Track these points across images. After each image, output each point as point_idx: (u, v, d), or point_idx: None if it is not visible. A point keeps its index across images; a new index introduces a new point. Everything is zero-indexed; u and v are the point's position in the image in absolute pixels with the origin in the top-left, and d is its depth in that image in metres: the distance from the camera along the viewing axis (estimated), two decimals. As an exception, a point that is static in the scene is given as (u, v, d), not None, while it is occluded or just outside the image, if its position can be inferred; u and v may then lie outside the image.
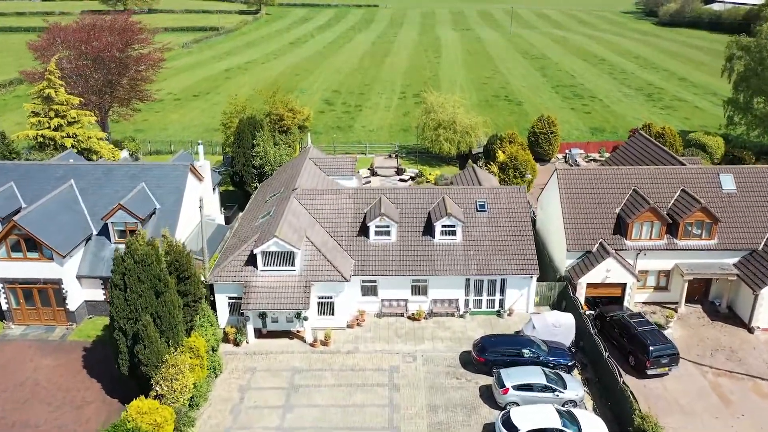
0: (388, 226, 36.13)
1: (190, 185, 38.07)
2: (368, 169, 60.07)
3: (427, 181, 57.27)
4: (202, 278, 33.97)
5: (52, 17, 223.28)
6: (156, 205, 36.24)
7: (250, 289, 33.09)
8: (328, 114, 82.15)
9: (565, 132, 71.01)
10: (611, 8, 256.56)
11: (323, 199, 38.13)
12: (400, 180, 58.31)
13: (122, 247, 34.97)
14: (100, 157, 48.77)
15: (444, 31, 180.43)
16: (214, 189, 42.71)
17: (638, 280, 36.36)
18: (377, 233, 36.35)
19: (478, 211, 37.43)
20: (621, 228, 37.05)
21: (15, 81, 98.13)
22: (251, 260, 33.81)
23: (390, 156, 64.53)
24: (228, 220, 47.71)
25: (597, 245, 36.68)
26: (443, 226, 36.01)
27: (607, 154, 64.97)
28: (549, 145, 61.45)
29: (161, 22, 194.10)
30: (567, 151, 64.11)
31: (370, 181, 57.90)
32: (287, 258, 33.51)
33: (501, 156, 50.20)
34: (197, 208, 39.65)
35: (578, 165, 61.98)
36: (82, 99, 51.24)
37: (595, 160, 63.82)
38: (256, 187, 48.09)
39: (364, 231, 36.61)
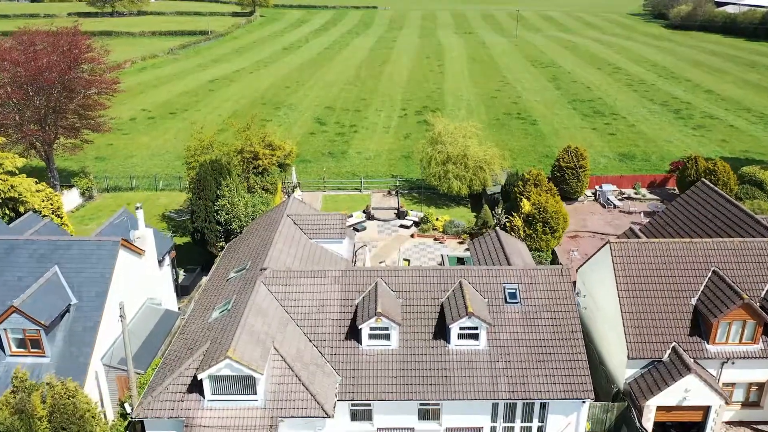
0: (387, 328, 26.63)
1: (123, 266, 28.55)
2: (363, 211, 50.58)
3: (434, 228, 47.80)
4: (128, 408, 24.48)
5: (37, 20, 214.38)
6: (71, 300, 26.69)
7: (192, 430, 23.57)
8: (319, 136, 72.58)
9: (589, 159, 61.26)
10: (617, 10, 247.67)
11: (300, 285, 28.58)
12: (401, 226, 48.81)
13: (21, 361, 25.57)
14: (30, 208, 39.20)
15: (446, 35, 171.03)
16: (161, 261, 33.16)
17: (727, 403, 26.90)
18: (372, 336, 26.85)
19: (507, 302, 27.92)
20: (700, 326, 27.63)
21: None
22: (197, 385, 24.29)
23: (389, 193, 55.00)
24: (187, 290, 38.23)
25: (669, 351, 27.22)
26: (462, 328, 26.52)
27: (643, 190, 55.77)
28: (577, 182, 51.95)
29: (150, 25, 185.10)
30: (597, 187, 54.59)
31: (365, 227, 48.44)
32: (246, 383, 24.02)
33: (526, 206, 40.70)
34: (139, 294, 30.22)
35: (612, 205, 52.51)
36: (2, 140, 41.68)
37: (630, 198, 54.34)
38: (222, 248, 38.59)
39: (354, 332, 27.10)
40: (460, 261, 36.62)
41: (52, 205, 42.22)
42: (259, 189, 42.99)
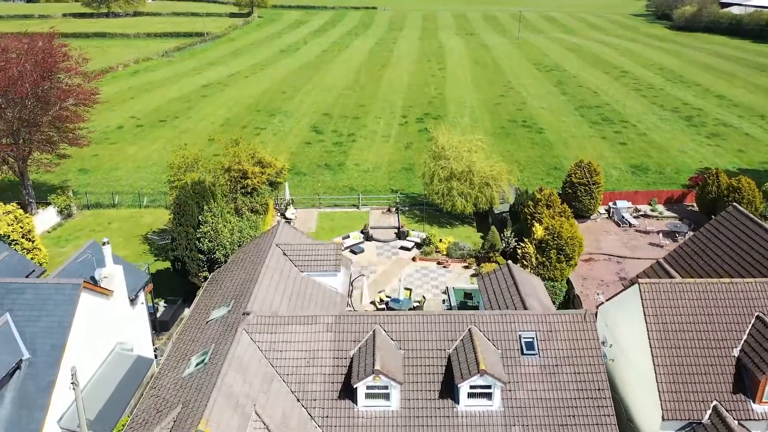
0: (386, 387, 23.20)
1: (87, 311, 25.10)
2: (361, 231, 47.14)
3: (437, 251, 44.36)
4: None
5: (31, 21, 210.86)
6: (23, 354, 23.22)
7: None
8: (315, 146, 69.07)
9: (602, 174, 57.68)
10: (619, 11, 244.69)
11: (288, 333, 25.13)
12: (402, 248, 45.36)
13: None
14: (-6, 234, 35.79)
15: (447, 37, 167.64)
16: (134, 298, 29.67)
17: (778, 473, 23.50)
18: (370, 396, 23.43)
19: (524, 354, 24.47)
20: (744, 381, 24.18)
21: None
22: (164, 459, 20.88)
23: (389, 210, 51.55)
24: (166, 325, 34.80)
25: (710, 412, 23.76)
26: (472, 387, 23.08)
27: (660, 207, 52.31)
28: (590, 199, 48.51)
29: (146, 26, 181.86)
30: (611, 204, 51.18)
31: (363, 249, 45.00)
32: (221, 459, 20.60)
33: (539, 231, 37.22)
34: (106, 340, 26.80)
35: (627, 223, 49.08)
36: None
37: (646, 216, 50.89)
38: (205, 278, 35.12)
39: (349, 390, 23.65)
40: (468, 295, 33.25)
41: (22, 228, 38.84)
42: (247, 211, 39.51)
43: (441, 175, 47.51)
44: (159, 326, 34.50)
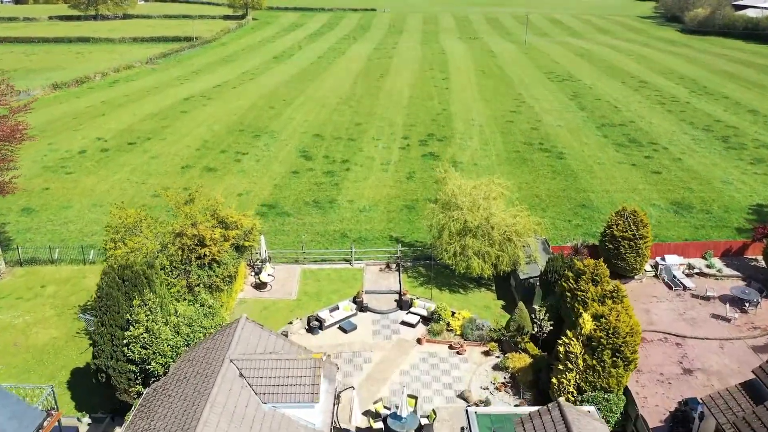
0: None
1: None
2: (353, 300, 37.92)
3: (448, 329, 35.22)
4: None
5: (16, 24, 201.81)
6: None
7: None
8: (303, 176, 59.77)
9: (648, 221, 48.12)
10: (626, 12, 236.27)
11: None
12: (404, 323, 36.20)
13: None
14: None
15: (450, 41, 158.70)
16: (17, 458, 20.55)
17: None
18: None
19: None
20: None
21: None
22: None
23: (388, 266, 42.39)
24: (84, 462, 25.65)
25: None
26: None
27: (717, 261, 43.16)
28: (636, 257, 39.37)
29: (134, 30, 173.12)
30: (658, 260, 42.05)
31: (355, 326, 35.85)
32: None
33: (587, 323, 28.02)
34: None
35: (680, 285, 39.95)
36: None
37: (701, 274, 41.71)
38: (137, 394, 25.96)
39: None
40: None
41: None
42: (203, 291, 30.31)
43: (452, 229, 38.29)
44: (74, 463, 25.41)
